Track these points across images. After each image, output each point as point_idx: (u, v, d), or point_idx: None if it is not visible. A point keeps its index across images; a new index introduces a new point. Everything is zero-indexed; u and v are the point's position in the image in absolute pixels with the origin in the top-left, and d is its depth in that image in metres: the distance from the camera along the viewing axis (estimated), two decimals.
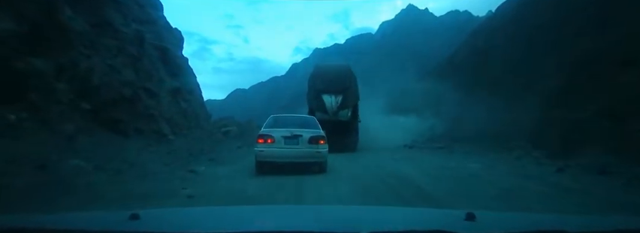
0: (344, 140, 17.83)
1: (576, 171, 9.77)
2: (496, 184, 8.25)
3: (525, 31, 23.96)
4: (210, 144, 19.57)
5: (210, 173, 9.94)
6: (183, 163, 11.74)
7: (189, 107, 27.28)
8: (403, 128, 27.96)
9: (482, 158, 13.62)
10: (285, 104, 78.86)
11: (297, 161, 9.12)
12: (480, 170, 10.59)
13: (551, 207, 5.96)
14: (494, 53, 27.63)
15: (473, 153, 15.86)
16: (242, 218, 2.27)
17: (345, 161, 12.70)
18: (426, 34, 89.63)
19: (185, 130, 23.10)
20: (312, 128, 9.58)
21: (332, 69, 20.19)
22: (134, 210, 1.88)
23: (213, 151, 16.50)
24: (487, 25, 36.09)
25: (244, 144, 20.91)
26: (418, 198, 6.98)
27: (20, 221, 1.82)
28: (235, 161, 12.87)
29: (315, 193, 7.41)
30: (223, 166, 11.52)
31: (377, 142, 20.85)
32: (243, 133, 30.33)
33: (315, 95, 18.53)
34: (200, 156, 14.22)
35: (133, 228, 1.69)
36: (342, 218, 2.31)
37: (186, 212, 2.61)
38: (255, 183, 8.49)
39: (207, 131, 27.86)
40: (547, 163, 11.62)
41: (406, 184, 8.28)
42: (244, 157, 13.03)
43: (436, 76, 39.00)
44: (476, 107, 22.39)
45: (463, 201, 6.55)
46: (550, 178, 9.06)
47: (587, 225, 1.92)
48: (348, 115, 18.61)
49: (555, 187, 7.89)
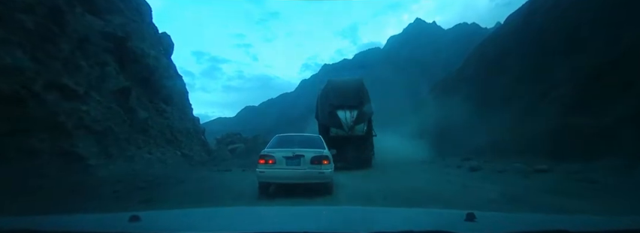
0: (361, 156, 17.51)
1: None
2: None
3: (535, 41, 23.64)
4: (186, 169, 16.72)
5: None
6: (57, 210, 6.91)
7: (161, 118, 22.62)
8: (416, 142, 27.58)
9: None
10: (295, 119, 78.75)
11: (299, 183, 8.77)
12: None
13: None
14: (505, 64, 27.29)
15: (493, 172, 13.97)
16: (241, 219, 2.29)
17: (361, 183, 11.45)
18: (434, 47, 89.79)
19: (143, 148, 17.97)
20: (316, 148, 9.21)
21: (345, 84, 19.82)
22: (134, 211, 1.89)
23: (171, 181, 12.35)
24: (497, 36, 35.83)
25: (243, 165, 19.82)
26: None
27: (21, 223, 1.85)
28: (185, 200, 8.74)
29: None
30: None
31: (390, 157, 20.45)
32: (249, 150, 29.82)
33: (329, 110, 18.11)
34: (131, 195, 9.26)
35: (133, 229, 1.72)
36: (342, 218, 2.34)
37: (186, 213, 2.64)
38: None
39: (193, 149, 25.09)
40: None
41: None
42: (215, 190, 10.27)
43: (445, 88, 38.72)
44: (489, 118, 21.98)
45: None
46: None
47: (587, 225, 1.94)
48: (363, 130, 18.29)
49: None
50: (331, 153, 9.45)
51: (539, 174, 12.10)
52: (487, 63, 31.32)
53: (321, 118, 19.83)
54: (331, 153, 9.45)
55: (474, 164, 16.32)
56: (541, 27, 23.73)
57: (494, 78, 27.49)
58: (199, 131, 31.21)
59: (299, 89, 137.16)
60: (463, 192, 9.18)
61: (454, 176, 13.46)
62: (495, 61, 29.43)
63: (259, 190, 8.94)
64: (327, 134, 17.16)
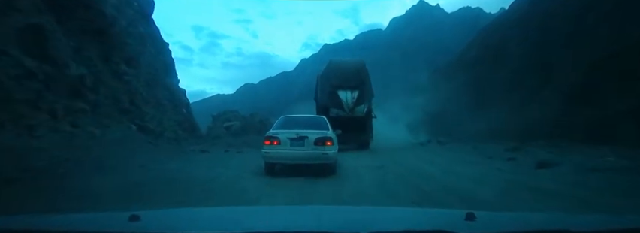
0: (360, 138, 17.59)
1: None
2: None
3: (539, 28, 23.52)
4: (137, 148, 13.44)
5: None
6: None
7: (115, 81, 18.35)
8: (414, 125, 27.73)
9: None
10: (294, 99, 78.72)
11: (303, 163, 8.97)
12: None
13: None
14: (507, 49, 27.21)
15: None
16: (242, 218, 2.28)
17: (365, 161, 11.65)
18: (437, 30, 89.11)
19: (63, 118, 13.24)
20: (321, 129, 9.39)
21: (347, 65, 19.75)
22: (134, 211, 1.88)
23: (62, 173, 8.27)
24: (500, 22, 35.60)
25: (230, 144, 18.64)
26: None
27: (20, 222, 1.83)
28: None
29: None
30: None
31: (388, 140, 20.59)
32: (245, 128, 29.05)
33: (330, 90, 18.11)
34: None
35: (133, 229, 1.69)
36: (342, 218, 2.31)
37: (186, 212, 2.61)
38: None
39: (163, 123, 21.07)
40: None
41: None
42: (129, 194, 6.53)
43: (447, 72, 38.68)
44: (489, 103, 22.07)
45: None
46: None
47: (589, 224, 1.91)
48: (364, 111, 18.35)
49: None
50: (336, 134, 9.60)
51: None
52: (489, 49, 31.23)
53: (320, 98, 19.83)
54: (336, 134, 9.60)
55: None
56: (545, 15, 23.57)
57: (496, 64, 27.47)
58: (181, 104, 27.66)
59: (299, 68, 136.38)
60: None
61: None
62: (497, 47, 29.34)
63: (265, 170, 9.17)
64: (327, 114, 17.18)
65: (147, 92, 21.35)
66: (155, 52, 26.76)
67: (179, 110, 26.61)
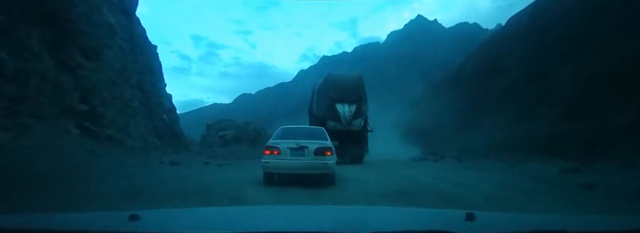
0: (355, 151, 17.55)
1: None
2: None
3: (536, 44, 23.76)
4: (71, 159, 10.65)
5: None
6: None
7: (64, 74, 15.69)
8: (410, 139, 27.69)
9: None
10: (292, 109, 78.79)
11: (303, 173, 9.01)
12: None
13: None
14: (504, 65, 27.42)
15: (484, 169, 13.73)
16: (242, 218, 2.28)
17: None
18: (434, 44, 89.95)
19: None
20: (320, 140, 9.46)
21: (345, 78, 19.95)
22: (134, 210, 1.87)
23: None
24: (497, 37, 35.95)
25: (217, 156, 17.63)
26: None
27: (20, 221, 1.82)
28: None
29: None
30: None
31: (382, 154, 20.53)
32: (238, 137, 28.16)
33: (328, 103, 18.16)
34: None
35: (133, 228, 1.68)
36: (342, 218, 2.31)
37: (186, 212, 2.59)
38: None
39: (129, 128, 18.77)
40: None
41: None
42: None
43: (444, 86, 38.84)
44: (486, 118, 22.12)
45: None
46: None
47: (586, 225, 1.92)
48: (360, 124, 18.41)
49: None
50: (334, 145, 9.64)
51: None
52: (486, 64, 31.45)
53: (317, 111, 19.84)
54: (334, 145, 9.64)
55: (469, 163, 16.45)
56: (542, 31, 23.82)
57: (493, 79, 27.64)
58: (162, 110, 24.62)
59: (297, 79, 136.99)
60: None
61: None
62: (494, 62, 29.56)
63: (264, 180, 9.17)
64: (324, 127, 17.18)
65: (110, 91, 18.42)
66: (139, 52, 24.61)
67: (158, 115, 24.04)
